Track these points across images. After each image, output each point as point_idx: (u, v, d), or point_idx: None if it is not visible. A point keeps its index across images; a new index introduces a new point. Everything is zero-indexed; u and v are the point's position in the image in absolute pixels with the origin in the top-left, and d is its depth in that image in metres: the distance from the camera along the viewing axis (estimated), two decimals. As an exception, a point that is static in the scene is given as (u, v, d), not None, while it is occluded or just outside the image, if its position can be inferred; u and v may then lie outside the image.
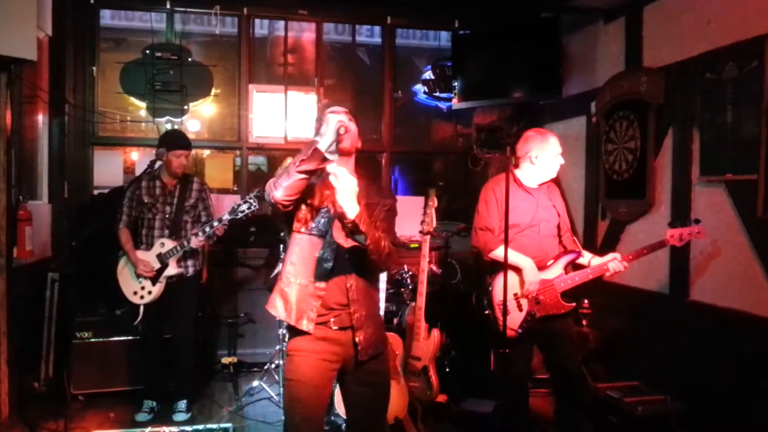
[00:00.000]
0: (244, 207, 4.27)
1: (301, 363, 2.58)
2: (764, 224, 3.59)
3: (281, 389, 4.44)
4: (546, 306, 3.54)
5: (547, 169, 3.63)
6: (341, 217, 2.36)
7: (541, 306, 3.53)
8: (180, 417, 4.46)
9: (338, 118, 2.45)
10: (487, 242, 3.58)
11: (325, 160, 2.42)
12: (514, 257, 3.43)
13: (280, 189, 2.44)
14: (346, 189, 2.31)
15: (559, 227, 3.74)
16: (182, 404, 4.52)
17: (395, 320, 4.92)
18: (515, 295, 3.51)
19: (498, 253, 3.51)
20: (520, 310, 3.53)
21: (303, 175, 2.42)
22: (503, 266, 3.25)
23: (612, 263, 3.56)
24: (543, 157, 3.59)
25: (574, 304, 3.61)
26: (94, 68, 5.72)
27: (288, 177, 2.44)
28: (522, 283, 3.52)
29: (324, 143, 2.41)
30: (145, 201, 4.45)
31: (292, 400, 2.59)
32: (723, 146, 3.90)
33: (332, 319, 2.59)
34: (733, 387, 3.73)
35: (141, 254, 4.40)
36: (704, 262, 4.07)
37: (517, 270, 3.51)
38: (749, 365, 3.62)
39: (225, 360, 5.45)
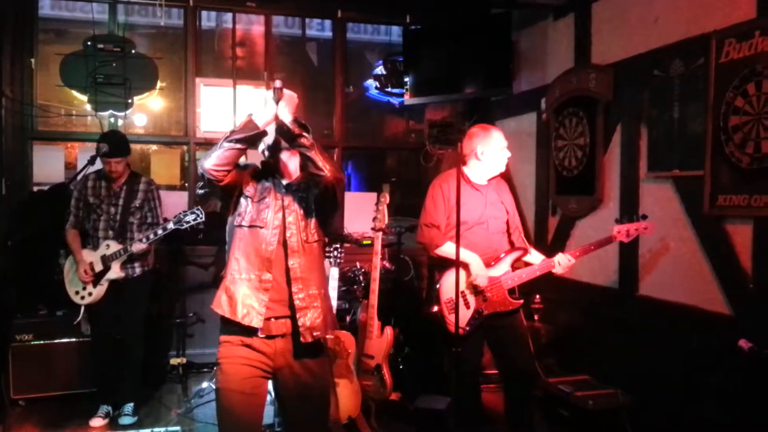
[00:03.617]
0: (190, 218, 4.15)
1: (232, 371, 2.48)
2: (710, 220, 3.65)
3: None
4: (493, 303, 3.54)
5: (495, 163, 3.64)
6: (282, 125, 2.44)
7: (488, 303, 3.53)
8: (126, 421, 4.33)
9: (275, 86, 2.45)
10: (433, 238, 3.58)
11: (257, 129, 2.44)
12: (461, 253, 3.40)
13: (210, 158, 2.42)
14: (287, 101, 2.44)
15: (508, 224, 3.75)
16: (129, 407, 4.39)
17: (348, 318, 4.86)
18: (462, 292, 3.50)
19: (444, 249, 3.53)
20: (468, 307, 3.53)
21: (234, 145, 2.41)
22: (451, 263, 3.23)
23: (558, 257, 3.60)
24: (489, 152, 3.60)
25: (522, 301, 3.63)
26: (33, 60, 5.48)
27: (218, 147, 2.42)
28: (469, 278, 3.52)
29: (261, 116, 2.45)
30: (90, 202, 4.34)
31: (223, 411, 2.48)
32: (670, 143, 3.95)
33: (272, 319, 2.50)
34: (683, 381, 3.79)
35: (86, 254, 4.29)
36: (652, 258, 4.13)
37: (464, 266, 3.48)
38: (698, 359, 3.68)
39: (174, 361, 5.31)
